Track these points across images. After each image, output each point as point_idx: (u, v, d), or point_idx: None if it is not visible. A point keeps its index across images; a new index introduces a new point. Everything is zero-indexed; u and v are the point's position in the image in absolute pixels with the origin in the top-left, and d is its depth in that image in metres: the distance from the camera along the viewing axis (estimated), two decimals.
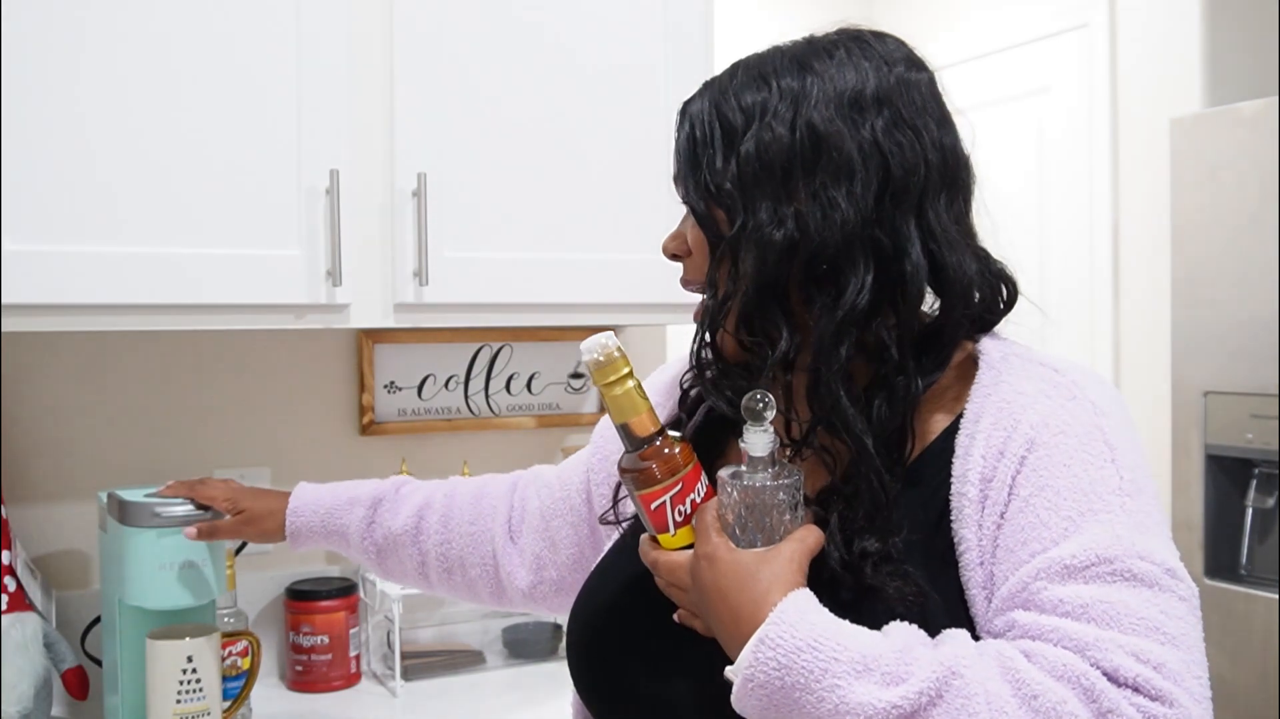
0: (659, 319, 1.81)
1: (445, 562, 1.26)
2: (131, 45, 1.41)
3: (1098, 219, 3.27)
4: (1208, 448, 2.62)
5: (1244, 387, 2.54)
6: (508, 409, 2.02)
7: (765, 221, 0.89)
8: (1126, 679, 0.73)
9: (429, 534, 1.27)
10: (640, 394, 0.88)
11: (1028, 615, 0.78)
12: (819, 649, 0.76)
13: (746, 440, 0.85)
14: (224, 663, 1.47)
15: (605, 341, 0.87)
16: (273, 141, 1.49)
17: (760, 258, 0.89)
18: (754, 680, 0.77)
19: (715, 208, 0.93)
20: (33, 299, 1.37)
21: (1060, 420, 0.84)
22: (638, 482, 0.88)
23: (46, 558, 1.69)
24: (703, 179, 0.93)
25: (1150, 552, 0.79)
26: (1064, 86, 3.37)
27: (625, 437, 0.88)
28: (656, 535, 0.89)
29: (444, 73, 1.59)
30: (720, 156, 0.92)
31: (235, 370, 1.82)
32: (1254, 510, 2.59)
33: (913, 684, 0.73)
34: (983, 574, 0.83)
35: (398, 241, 1.57)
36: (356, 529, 1.29)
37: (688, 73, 1.73)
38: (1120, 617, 0.76)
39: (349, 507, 1.30)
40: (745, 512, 0.84)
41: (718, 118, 0.93)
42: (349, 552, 1.32)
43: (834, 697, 0.74)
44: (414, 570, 1.29)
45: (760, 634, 0.78)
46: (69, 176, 1.38)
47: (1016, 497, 0.83)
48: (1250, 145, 2.54)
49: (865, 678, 0.74)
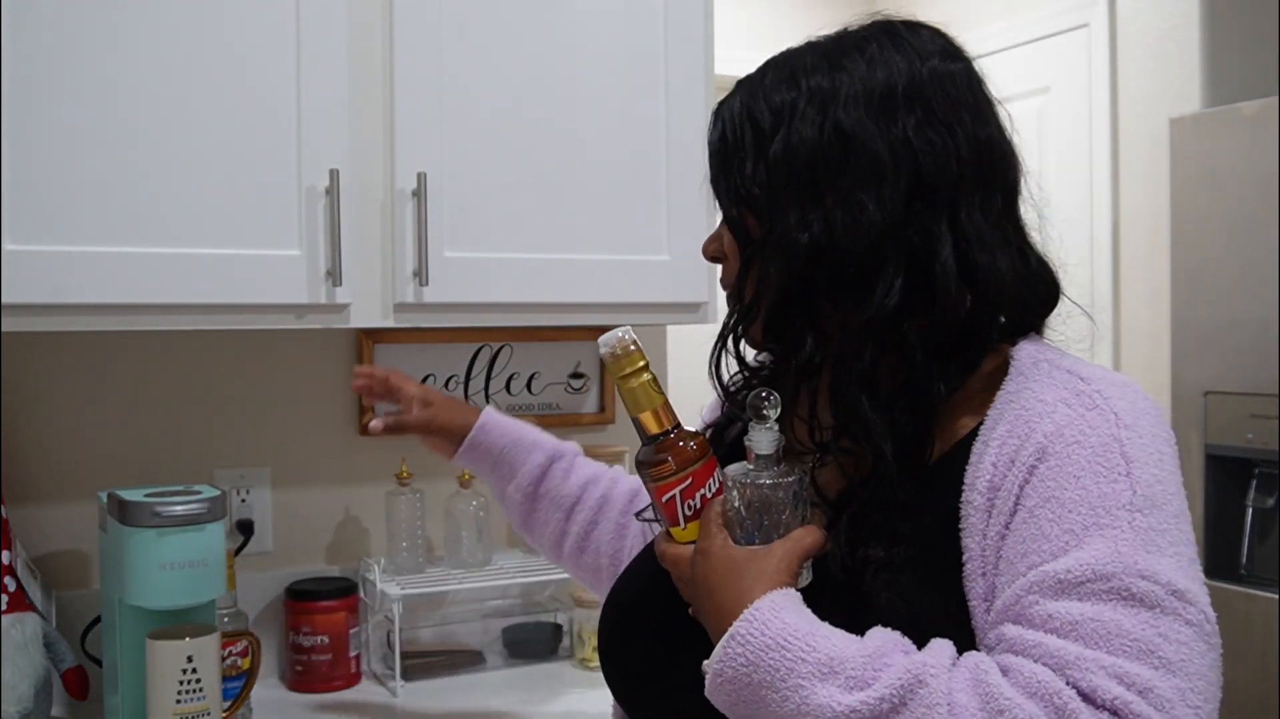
0: (659, 319, 1.81)
1: (583, 540, 1.28)
2: (131, 45, 1.41)
3: (1098, 219, 3.27)
4: (1208, 448, 2.63)
5: (1244, 386, 2.54)
6: (508, 409, 2.01)
7: (792, 226, 0.87)
8: (1104, 702, 0.71)
9: (585, 509, 1.28)
10: (655, 388, 0.89)
11: (1016, 629, 0.77)
12: (787, 649, 0.76)
13: (751, 438, 0.86)
14: (224, 663, 1.47)
15: (622, 335, 0.89)
16: (273, 141, 1.48)
17: (786, 263, 0.88)
18: (723, 675, 0.78)
19: (746, 213, 0.92)
20: (33, 299, 1.37)
21: (1076, 430, 0.81)
22: (651, 475, 0.89)
23: (46, 558, 1.69)
24: (734, 184, 0.92)
25: (1155, 572, 0.75)
26: (1064, 86, 3.37)
27: (639, 430, 0.90)
28: (669, 528, 0.91)
29: (444, 73, 1.59)
30: (750, 161, 0.91)
31: (235, 370, 1.82)
32: (1254, 510, 2.59)
33: (875, 690, 0.73)
34: (984, 585, 0.81)
35: (398, 241, 1.57)
36: (528, 472, 1.30)
37: (689, 73, 1.73)
38: (1110, 636, 0.73)
39: (531, 448, 1.32)
40: (748, 509, 0.85)
41: (748, 119, 0.92)
42: (503, 488, 1.33)
43: (797, 697, 0.75)
44: (552, 534, 1.31)
45: (732, 630, 0.79)
46: (69, 176, 1.38)
47: (1022, 507, 0.80)
48: (1250, 145, 2.55)
49: (829, 680, 0.74)
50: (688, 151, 1.70)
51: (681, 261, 1.72)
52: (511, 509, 1.34)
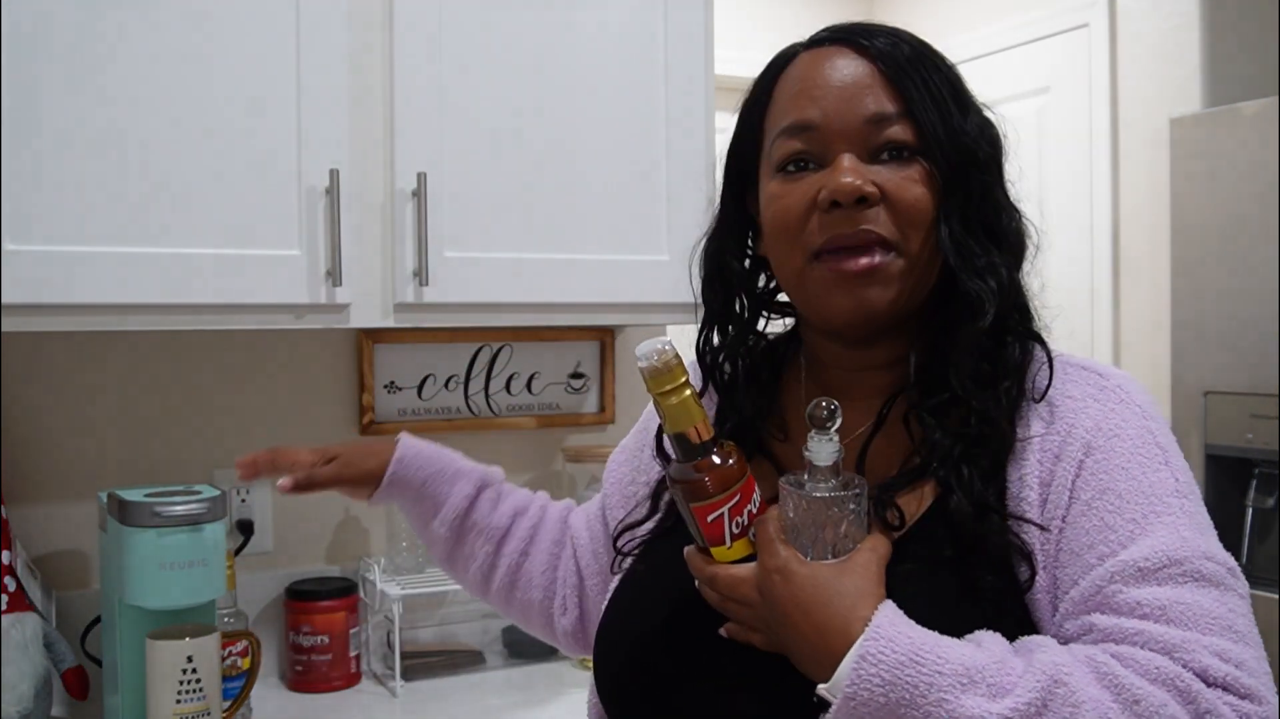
0: (659, 319, 1.81)
1: (514, 573, 1.20)
2: (131, 45, 1.41)
3: (1098, 219, 3.27)
4: (1208, 448, 2.62)
5: (1244, 386, 2.54)
6: (508, 409, 2.01)
7: (1003, 203, 0.94)
8: (1217, 679, 0.75)
9: (515, 540, 1.20)
10: (696, 402, 0.84)
11: (1107, 619, 0.79)
12: (921, 663, 0.74)
13: (811, 449, 0.82)
14: (224, 663, 1.47)
15: (663, 348, 0.83)
16: (273, 141, 1.48)
17: (1015, 245, 0.94)
18: (857, 699, 0.75)
19: (956, 164, 0.91)
20: (33, 299, 1.37)
21: (1112, 424, 0.86)
22: (692, 494, 0.84)
23: (46, 558, 1.69)
24: (954, 126, 0.91)
25: (1214, 552, 0.81)
26: (1064, 86, 3.37)
27: (679, 446, 0.84)
28: (710, 548, 0.85)
29: (444, 73, 1.59)
30: (960, 116, 0.92)
31: (235, 370, 1.82)
32: (1254, 510, 2.59)
33: (1020, 694, 0.73)
34: (1046, 578, 0.83)
35: (398, 241, 1.57)
36: (454, 504, 1.19)
37: (689, 72, 1.73)
38: (1198, 617, 0.77)
39: (455, 478, 1.20)
40: (810, 522, 0.82)
41: (943, 72, 0.93)
42: (426, 523, 1.22)
43: (941, 711, 0.73)
44: (480, 568, 1.21)
45: (860, 650, 0.75)
46: (69, 176, 1.38)
47: (1078, 500, 0.84)
48: (1250, 145, 2.55)
49: (971, 690, 0.73)
50: (688, 151, 1.70)
51: (681, 261, 1.72)
52: (435, 543, 1.23)
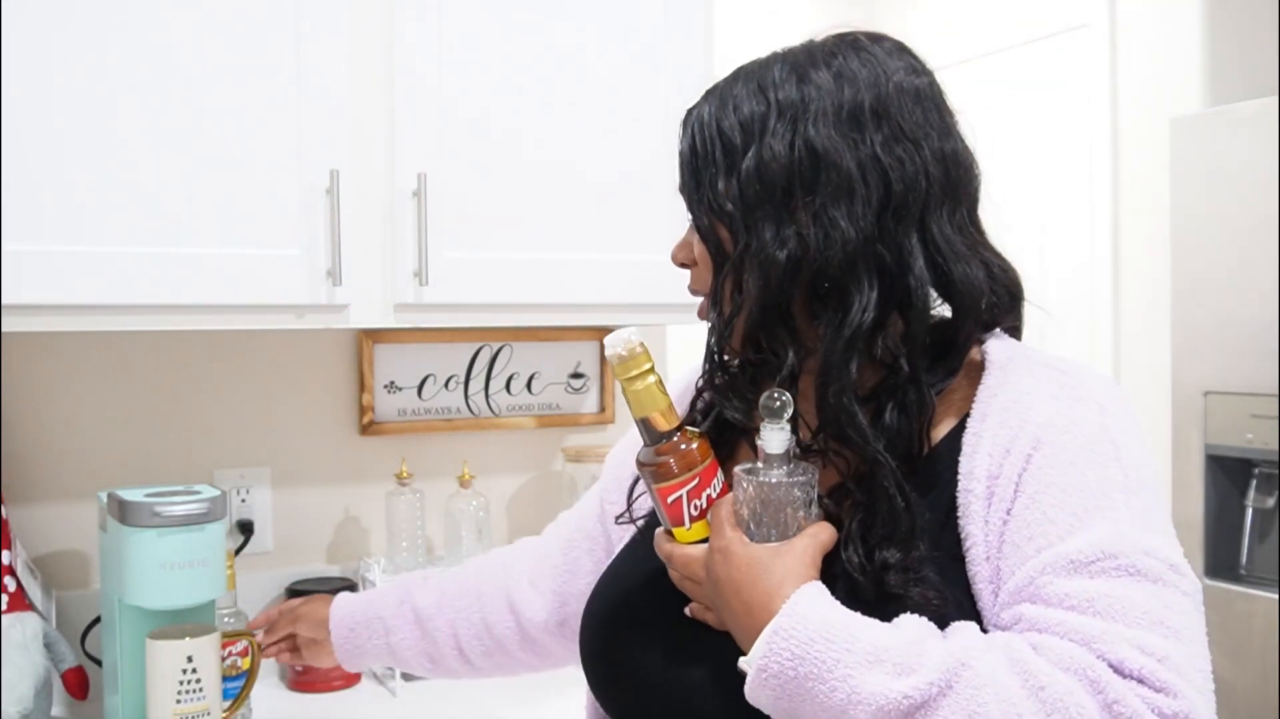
0: (659, 319, 1.81)
1: (472, 627, 1.28)
2: (131, 45, 1.41)
3: (1098, 219, 3.27)
4: (1208, 448, 2.63)
5: (1244, 387, 2.55)
6: (508, 409, 2.01)
7: (768, 242, 0.89)
8: (1132, 671, 0.75)
9: (449, 603, 1.29)
10: (660, 390, 0.90)
11: (1034, 609, 0.80)
12: (832, 640, 0.77)
13: (763, 438, 0.86)
14: (224, 663, 1.47)
15: (629, 337, 0.89)
16: (272, 141, 1.48)
17: (764, 278, 0.89)
18: (767, 670, 0.79)
19: (719, 225, 0.93)
20: (33, 299, 1.37)
21: (1066, 419, 0.86)
22: (655, 475, 0.90)
23: (46, 558, 1.69)
24: (705, 197, 0.93)
25: (1154, 548, 0.80)
26: (1064, 86, 3.37)
27: (644, 431, 0.90)
28: (672, 529, 0.91)
29: (444, 73, 1.59)
30: (722, 176, 0.92)
31: (235, 370, 1.82)
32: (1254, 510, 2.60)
33: (923, 675, 0.75)
34: (989, 569, 0.84)
35: (398, 241, 1.57)
36: (399, 625, 1.32)
37: (688, 73, 1.73)
38: (1125, 611, 0.77)
39: (381, 609, 1.33)
40: (760, 507, 0.86)
41: (718, 132, 0.93)
42: (393, 649, 1.33)
43: (846, 686, 0.76)
44: (452, 650, 1.30)
45: (774, 625, 0.79)
46: (69, 176, 1.38)
47: (1023, 493, 0.84)
48: (1250, 145, 2.55)
49: (877, 668, 0.76)
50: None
51: None
52: (415, 661, 1.33)
